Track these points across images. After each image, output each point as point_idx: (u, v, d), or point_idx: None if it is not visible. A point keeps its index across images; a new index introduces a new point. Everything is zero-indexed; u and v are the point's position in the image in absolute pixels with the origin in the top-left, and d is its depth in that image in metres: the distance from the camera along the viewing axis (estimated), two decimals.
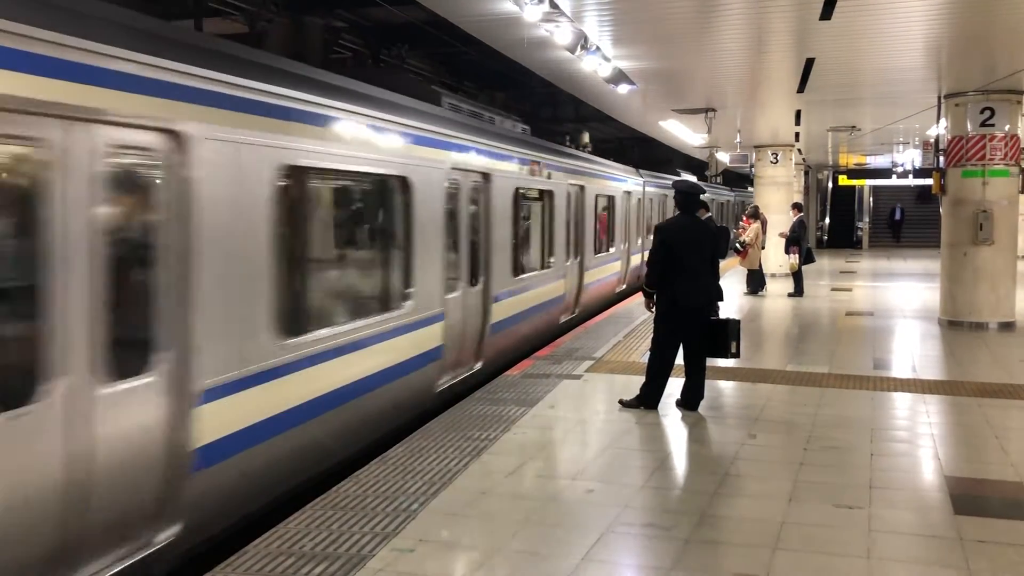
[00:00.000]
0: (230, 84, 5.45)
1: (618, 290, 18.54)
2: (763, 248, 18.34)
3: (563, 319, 13.90)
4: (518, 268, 11.51)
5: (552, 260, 13.26)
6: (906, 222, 38.82)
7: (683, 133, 20.70)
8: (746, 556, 4.86)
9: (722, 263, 9.56)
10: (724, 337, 7.98)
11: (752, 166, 23.51)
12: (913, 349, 11.84)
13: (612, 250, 17.93)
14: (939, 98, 13.74)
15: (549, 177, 13.11)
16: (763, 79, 13.14)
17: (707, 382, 8.25)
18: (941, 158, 13.83)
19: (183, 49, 5.15)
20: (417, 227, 8.25)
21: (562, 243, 13.73)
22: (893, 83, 13.05)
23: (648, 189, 22.04)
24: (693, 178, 24.19)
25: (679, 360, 8.10)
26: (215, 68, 5.34)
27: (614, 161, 20.16)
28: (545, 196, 13.09)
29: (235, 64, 5.65)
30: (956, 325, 13.33)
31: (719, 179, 34.15)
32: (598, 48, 10.24)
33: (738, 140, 20.09)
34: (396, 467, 6.32)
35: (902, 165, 31.46)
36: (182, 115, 5.00)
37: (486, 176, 10.23)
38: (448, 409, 8.15)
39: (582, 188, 15.03)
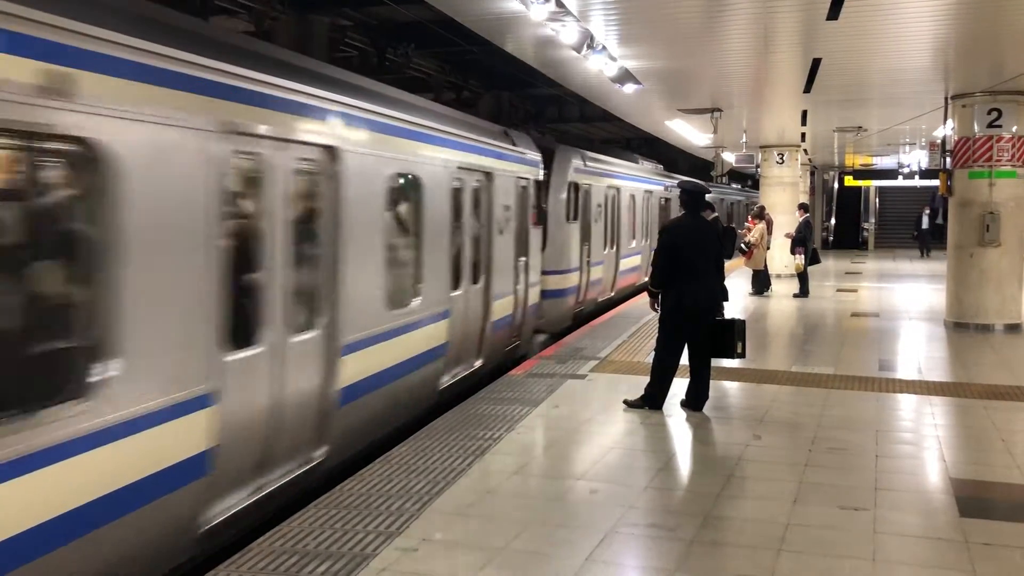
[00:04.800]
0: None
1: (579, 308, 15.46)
2: (768, 248, 18.32)
3: (442, 383, 9.06)
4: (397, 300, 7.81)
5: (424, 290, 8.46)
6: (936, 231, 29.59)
7: (689, 133, 20.69)
8: (750, 558, 4.84)
9: (728, 263, 9.49)
10: (730, 337, 7.97)
11: (758, 166, 23.47)
12: (918, 351, 11.80)
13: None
14: (946, 99, 13.70)
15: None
16: (769, 79, 13.11)
17: (712, 382, 8.23)
18: (947, 159, 13.79)
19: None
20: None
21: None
22: (900, 84, 13.02)
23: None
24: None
25: (684, 360, 8.09)
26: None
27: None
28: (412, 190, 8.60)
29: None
30: (962, 327, 13.28)
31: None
32: (604, 47, 10.23)
33: (744, 140, 20.06)
34: (400, 466, 6.32)
35: (908, 166, 31.34)
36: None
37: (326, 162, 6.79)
38: (449, 410, 8.14)
39: (489, 174, 10.45)
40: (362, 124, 7.05)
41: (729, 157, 24.05)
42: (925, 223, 31.72)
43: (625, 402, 8.19)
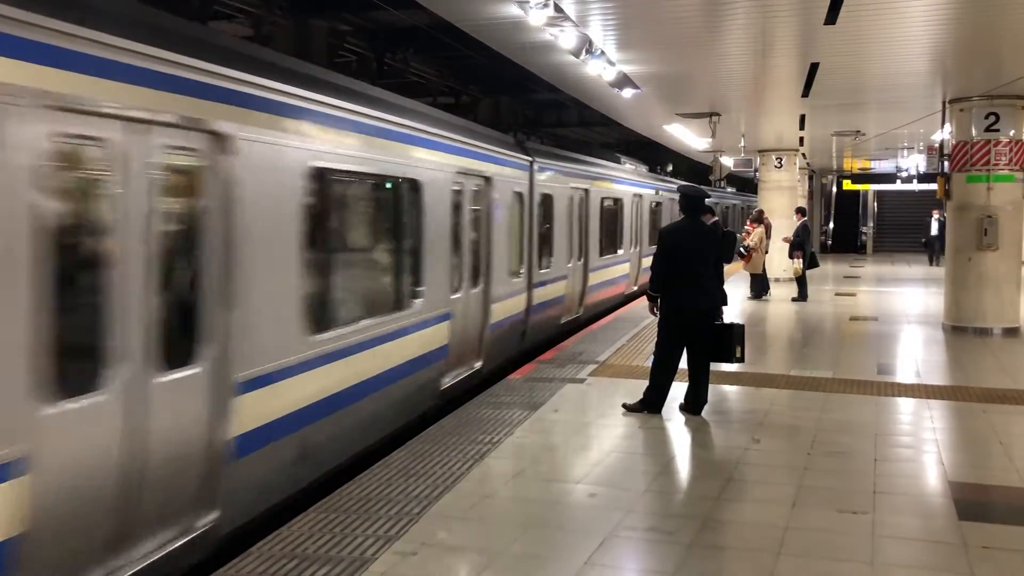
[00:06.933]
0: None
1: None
2: (767, 252, 18.34)
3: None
4: None
5: None
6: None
7: (687, 137, 20.72)
8: (749, 561, 4.85)
9: (727, 267, 9.51)
10: (728, 341, 7.97)
11: (756, 170, 23.51)
12: (917, 354, 11.81)
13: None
14: (943, 103, 13.73)
15: None
16: (767, 83, 13.14)
17: (711, 386, 8.24)
18: (945, 163, 13.82)
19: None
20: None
21: None
22: (897, 88, 13.04)
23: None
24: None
25: (683, 364, 8.10)
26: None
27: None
28: None
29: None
30: (960, 330, 13.30)
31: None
32: (603, 52, 10.24)
33: (742, 144, 20.09)
34: (399, 470, 6.32)
35: (907, 170, 31.36)
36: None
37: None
38: (451, 413, 8.15)
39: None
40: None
41: (728, 161, 24.10)
42: (935, 229, 27.96)
43: (624, 406, 8.20)
